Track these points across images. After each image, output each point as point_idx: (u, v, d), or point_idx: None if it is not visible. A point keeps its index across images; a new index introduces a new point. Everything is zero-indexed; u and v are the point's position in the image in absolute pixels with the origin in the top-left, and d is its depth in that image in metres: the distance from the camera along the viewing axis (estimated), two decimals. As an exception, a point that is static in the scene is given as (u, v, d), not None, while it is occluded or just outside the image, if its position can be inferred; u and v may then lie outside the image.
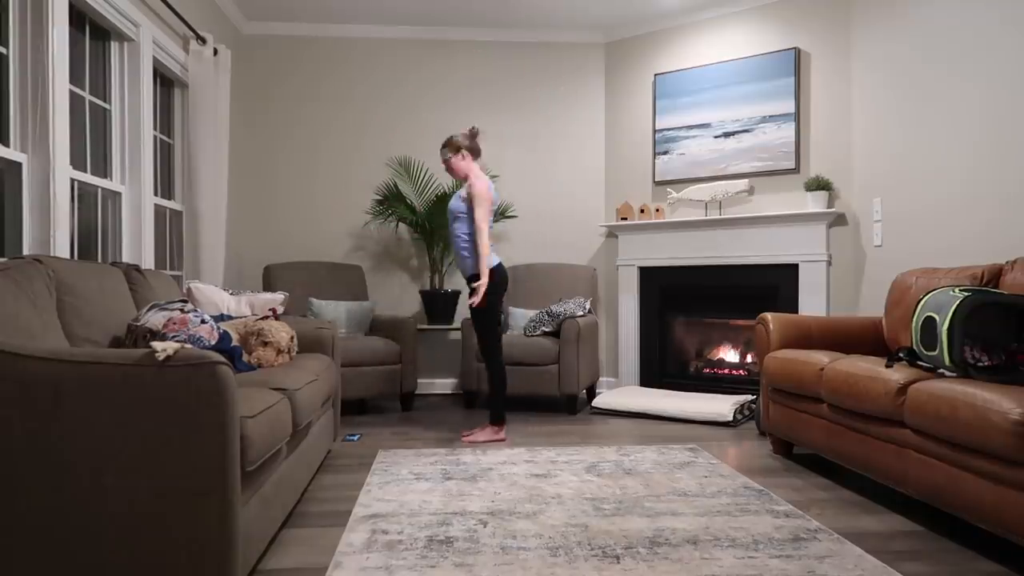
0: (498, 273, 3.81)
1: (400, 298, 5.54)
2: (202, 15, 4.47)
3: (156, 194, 4.00)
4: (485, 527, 2.43)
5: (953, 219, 3.53)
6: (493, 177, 5.53)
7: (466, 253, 3.83)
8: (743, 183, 4.86)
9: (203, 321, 2.59)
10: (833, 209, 4.54)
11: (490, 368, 3.84)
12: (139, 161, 3.66)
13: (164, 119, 4.28)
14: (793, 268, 4.69)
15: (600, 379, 5.57)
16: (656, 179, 5.31)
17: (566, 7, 5.09)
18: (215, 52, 4.30)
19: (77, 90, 3.26)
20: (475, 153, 3.92)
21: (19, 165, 2.76)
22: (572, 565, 2.10)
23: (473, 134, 3.94)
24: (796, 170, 4.74)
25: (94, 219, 3.46)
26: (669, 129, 5.25)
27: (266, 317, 3.17)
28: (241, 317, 3.23)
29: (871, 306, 4.32)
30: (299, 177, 5.47)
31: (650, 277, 5.31)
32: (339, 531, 2.41)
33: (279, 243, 5.46)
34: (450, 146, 3.88)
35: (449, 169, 3.92)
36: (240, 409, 1.82)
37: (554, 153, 5.61)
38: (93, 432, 1.66)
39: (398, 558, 2.15)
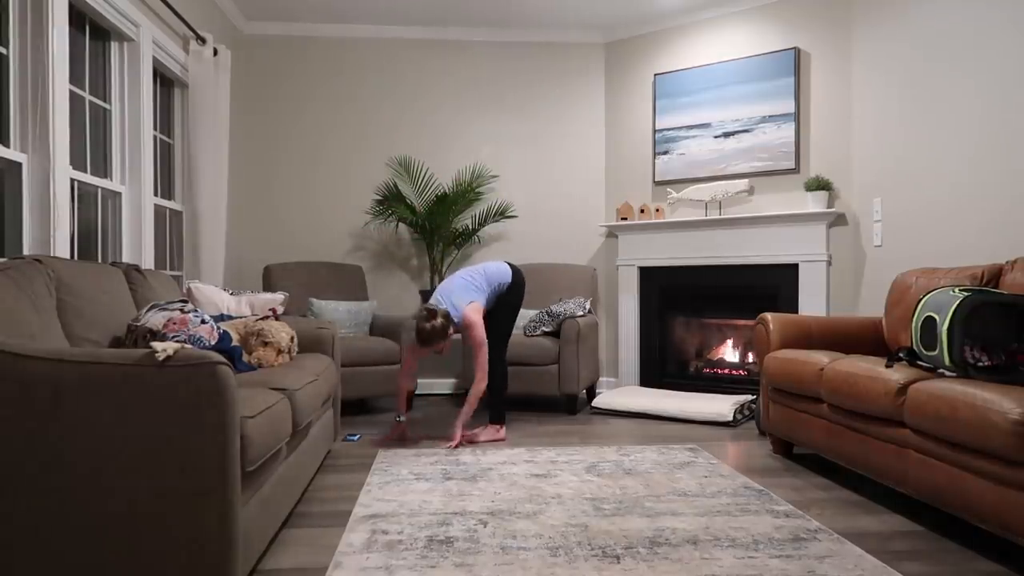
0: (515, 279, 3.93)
1: (400, 298, 5.53)
2: (202, 15, 4.47)
3: (156, 194, 4.00)
4: (485, 527, 2.43)
5: (953, 219, 3.52)
6: (493, 177, 5.54)
7: None
8: (743, 183, 4.85)
9: (203, 321, 2.59)
10: (833, 209, 4.54)
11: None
12: (139, 161, 3.66)
13: (164, 119, 4.28)
14: (793, 268, 4.69)
15: (600, 379, 5.57)
16: (656, 179, 5.31)
17: (566, 7, 5.09)
18: (215, 52, 4.30)
19: (77, 90, 3.26)
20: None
21: (19, 165, 2.76)
22: (572, 565, 2.10)
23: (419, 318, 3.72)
24: (796, 170, 4.74)
25: (94, 219, 3.46)
26: (669, 129, 5.25)
27: (266, 317, 3.17)
28: (241, 317, 3.23)
29: (871, 306, 4.32)
30: (299, 177, 5.47)
31: (650, 277, 5.31)
32: (339, 531, 2.41)
33: (279, 243, 5.46)
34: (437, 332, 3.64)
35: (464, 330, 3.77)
36: (240, 409, 1.82)
37: (554, 153, 5.61)
38: (93, 432, 1.66)
39: (398, 558, 2.15)
